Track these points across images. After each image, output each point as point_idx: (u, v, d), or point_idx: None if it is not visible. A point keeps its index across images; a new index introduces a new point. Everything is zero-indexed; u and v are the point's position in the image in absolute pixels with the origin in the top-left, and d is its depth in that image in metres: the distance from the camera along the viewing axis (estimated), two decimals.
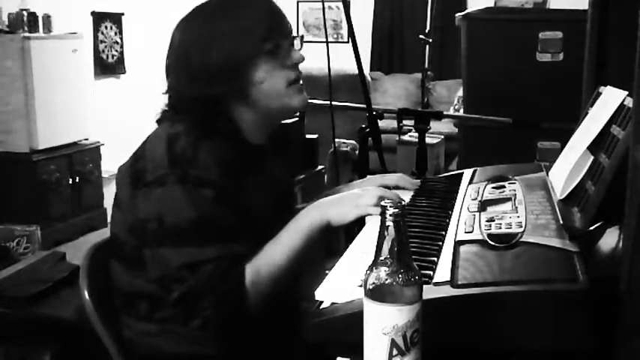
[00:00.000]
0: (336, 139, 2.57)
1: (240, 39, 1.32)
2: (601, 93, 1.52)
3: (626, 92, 1.32)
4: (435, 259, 1.14)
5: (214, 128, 1.33)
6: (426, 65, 4.77)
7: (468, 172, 1.75)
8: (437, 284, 1.03)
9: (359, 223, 1.43)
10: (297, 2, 7.23)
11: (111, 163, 4.46)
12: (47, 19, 4.60)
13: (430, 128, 2.52)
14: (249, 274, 1.24)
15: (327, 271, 1.17)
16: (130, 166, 1.32)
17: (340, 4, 2.59)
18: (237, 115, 1.38)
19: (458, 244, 1.18)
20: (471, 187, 1.56)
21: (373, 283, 0.89)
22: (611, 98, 1.39)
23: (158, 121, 1.39)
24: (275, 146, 1.50)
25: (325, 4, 2.43)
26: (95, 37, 5.47)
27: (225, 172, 1.27)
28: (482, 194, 1.45)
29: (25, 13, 4.46)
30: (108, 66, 5.63)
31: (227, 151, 1.30)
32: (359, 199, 1.31)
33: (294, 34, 1.42)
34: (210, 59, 1.31)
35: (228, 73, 1.32)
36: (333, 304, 1.07)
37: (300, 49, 1.42)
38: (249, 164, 1.37)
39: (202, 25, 1.35)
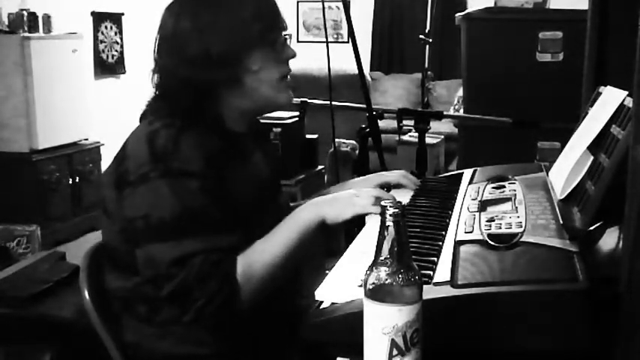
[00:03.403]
0: (336, 139, 2.58)
1: (239, 29, 1.33)
2: (601, 93, 1.52)
3: (626, 92, 1.32)
4: (435, 259, 1.14)
5: (197, 116, 1.32)
6: (426, 65, 4.76)
7: (468, 172, 1.75)
8: (437, 284, 1.03)
9: (359, 223, 1.43)
10: (297, 2, 7.23)
11: None
12: (47, 19, 4.61)
13: (430, 128, 2.52)
14: (240, 266, 1.23)
15: (327, 271, 1.17)
16: (114, 170, 1.31)
17: (340, 4, 2.59)
18: (225, 103, 1.38)
19: (458, 244, 1.18)
20: (471, 187, 1.56)
21: (373, 283, 0.89)
22: (611, 98, 1.39)
23: (141, 117, 1.38)
24: (256, 134, 1.50)
25: (325, 4, 2.43)
26: (95, 37, 5.48)
27: (208, 162, 1.27)
28: (482, 194, 1.45)
29: (25, 13, 4.46)
30: (108, 66, 5.64)
31: (209, 141, 1.30)
32: (355, 198, 1.32)
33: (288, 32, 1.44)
34: (209, 46, 1.31)
35: (225, 59, 1.32)
36: (333, 304, 1.07)
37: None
38: (232, 152, 1.37)
39: (202, 12, 1.34)
